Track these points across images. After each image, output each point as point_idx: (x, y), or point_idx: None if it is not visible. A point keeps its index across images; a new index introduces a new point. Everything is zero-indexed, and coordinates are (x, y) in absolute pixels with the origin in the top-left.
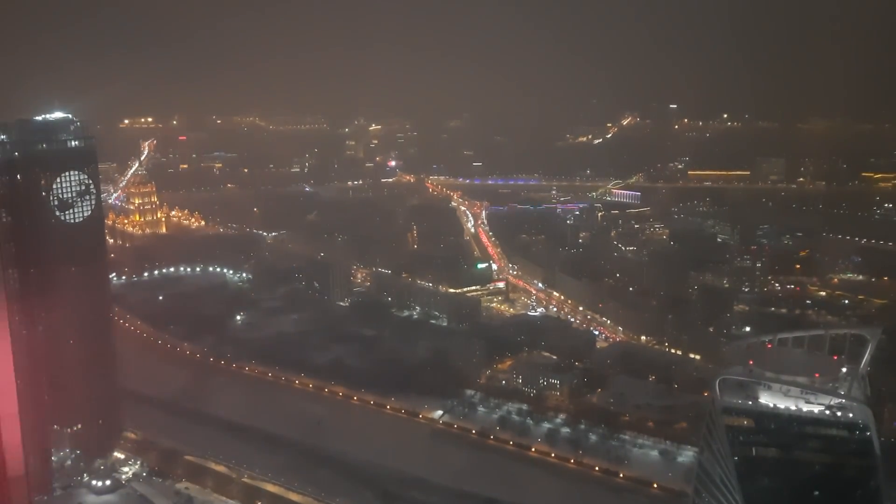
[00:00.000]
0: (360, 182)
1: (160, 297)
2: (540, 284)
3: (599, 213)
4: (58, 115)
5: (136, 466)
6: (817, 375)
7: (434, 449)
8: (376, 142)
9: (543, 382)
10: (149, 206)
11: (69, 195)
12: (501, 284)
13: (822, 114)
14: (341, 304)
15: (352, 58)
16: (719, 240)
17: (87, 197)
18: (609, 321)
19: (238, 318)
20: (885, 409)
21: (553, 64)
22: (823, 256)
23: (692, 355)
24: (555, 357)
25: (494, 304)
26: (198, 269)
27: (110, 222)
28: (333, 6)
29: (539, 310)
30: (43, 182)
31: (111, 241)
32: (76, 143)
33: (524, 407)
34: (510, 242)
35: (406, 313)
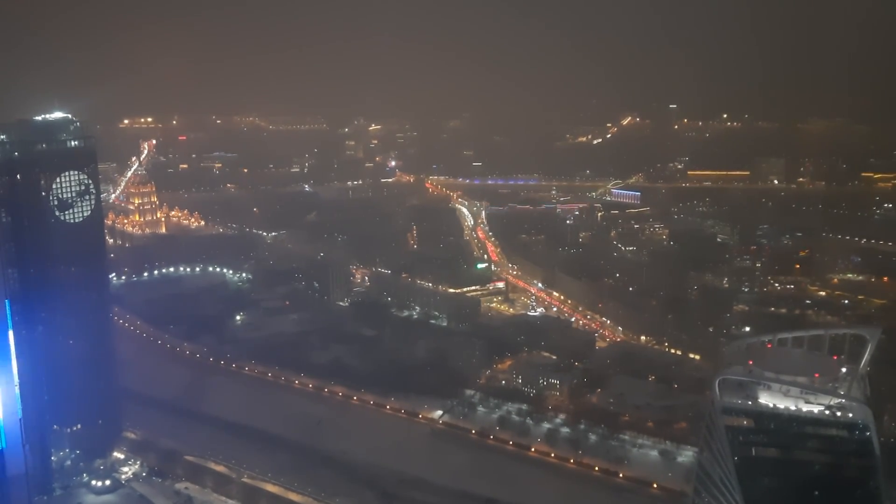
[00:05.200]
0: (360, 182)
1: (160, 297)
2: (540, 284)
3: (599, 213)
4: (57, 115)
5: (136, 466)
6: (817, 375)
7: (434, 449)
8: (376, 142)
9: (543, 382)
10: (148, 206)
11: (69, 195)
12: (501, 284)
13: (822, 114)
14: (341, 304)
15: (351, 58)
16: (719, 240)
17: (87, 197)
18: (609, 321)
19: (238, 318)
20: (886, 409)
21: (553, 64)
22: (823, 256)
23: (692, 355)
24: (554, 357)
25: (494, 305)
26: (198, 269)
27: (110, 222)
28: (333, 6)
29: (539, 310)
30: (43, 182)
31: (111, 241)
32: (76, 143)
33: (524, 407)
34: (510, 242)
35: (406, 313)
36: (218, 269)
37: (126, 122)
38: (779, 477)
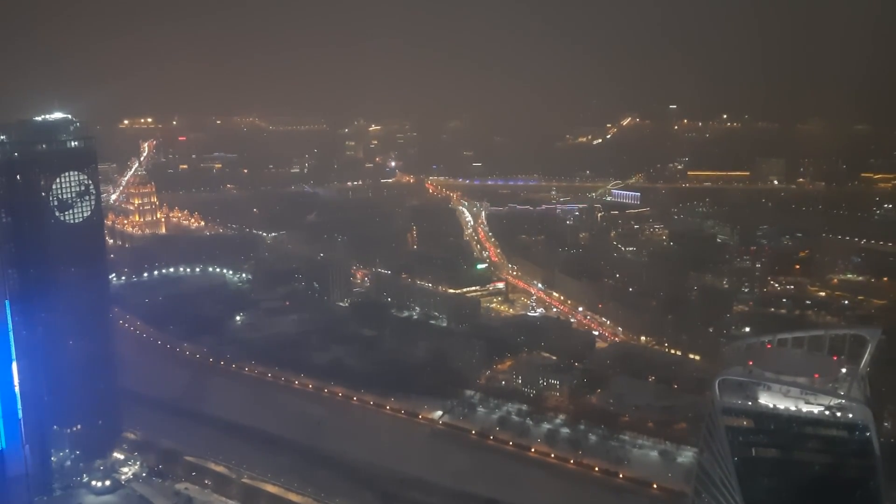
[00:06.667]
0: (360, 182)
1: (160, 298)
2: (539, 285)
3: (599, 214)
4: (57, 115)
5: (136, 466)
6: (817, 376)
7: (434, 449)
8: (376, 142)
9: (543, 383)
10: (148, 207)
11: (69, 195)
12: (501, 285)
13: (822, 114)
14: (341, 304)
15: (351, 58)
16: (719, 240)
17: (87, 197)
18: (609, 321)
19: (238, 318)
20: (886, 409)
21: (553, 64)
22: (823, 257)
23: (692, 356)
24: (554, 357)
25: (494, 305)
26: (198, 269)
27: (110, 222)
28: (333, 6)
29: (539, 310)
30: (43, 182)
31: (111, 241)
32: (76, 143)
33: (524, 407)
34: (510, 243)
35: (406, 314)
36: (218, 270)
37: (126, 122)
38: (779, 477)
